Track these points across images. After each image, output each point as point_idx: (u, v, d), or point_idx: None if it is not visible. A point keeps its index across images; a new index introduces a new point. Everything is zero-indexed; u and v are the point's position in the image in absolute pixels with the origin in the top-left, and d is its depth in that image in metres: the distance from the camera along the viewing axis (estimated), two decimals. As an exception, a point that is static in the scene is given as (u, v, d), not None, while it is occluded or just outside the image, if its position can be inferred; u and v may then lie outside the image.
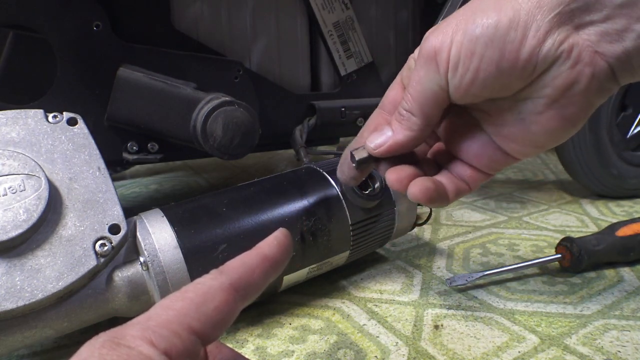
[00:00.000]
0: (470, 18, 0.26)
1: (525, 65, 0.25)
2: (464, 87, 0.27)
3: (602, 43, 0.24)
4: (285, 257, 0.26)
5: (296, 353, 0.41)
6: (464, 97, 0.28)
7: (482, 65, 0.26)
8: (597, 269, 0.54)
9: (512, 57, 0.25)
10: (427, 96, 0.29)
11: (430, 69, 0.28)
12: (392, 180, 0.32)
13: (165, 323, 0.20)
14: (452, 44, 0.27)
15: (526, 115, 0.28)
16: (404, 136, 0.30)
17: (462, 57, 0.26)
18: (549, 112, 0.27)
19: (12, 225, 0.35)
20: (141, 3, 0.59)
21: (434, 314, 0.46)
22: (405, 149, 0.31)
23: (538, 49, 0.25)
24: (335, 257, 0.49)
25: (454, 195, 0.32)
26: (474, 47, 0.26)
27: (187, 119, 0.57)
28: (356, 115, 0.73)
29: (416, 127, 0.30)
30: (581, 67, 0.25)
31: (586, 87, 0.25)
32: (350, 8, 0.72)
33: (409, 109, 0.30)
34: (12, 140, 0.39)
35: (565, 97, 0.26)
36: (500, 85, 0.27)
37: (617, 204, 0.77)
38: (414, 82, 0.29)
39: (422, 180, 0.31)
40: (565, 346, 0.41)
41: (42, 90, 0.55)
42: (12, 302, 0.35)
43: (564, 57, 0.25)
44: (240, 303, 0.23)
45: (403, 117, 0.30)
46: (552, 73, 0.25)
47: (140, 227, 0.41)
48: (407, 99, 0.30)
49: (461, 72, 0.27)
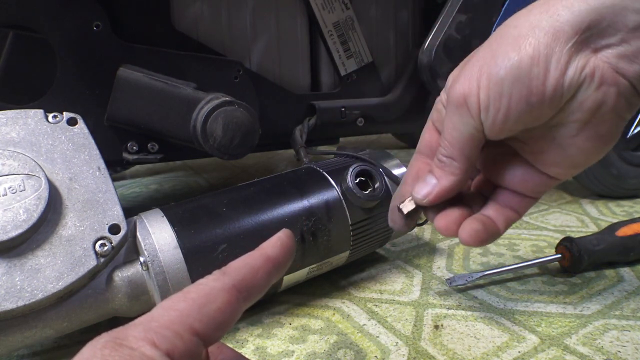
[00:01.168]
0: (492, 61, 0.27)
1: (553, 96, 0.26)
2: (499, 126, 0.28)
3: (621, 63, 0.25)
4: (288, 259, 0.26)
5: (296, 353, 0.41)
6: (500, 134, 0.29)
7: (512, 103, 0.27)
8: (597, 269, 0.54)
9: (539, 92, 0.26)
10: (464, 140, 0.29)
11: (463, 114, 0.29)
12: (441, 227, 0.32)
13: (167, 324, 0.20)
14: (479, 89, 0.27)
15: (562, 140, 0.28)
16: (448, 182, 0.31)
17: (491, 99, 0.27)
18: (584, 133, 0.28)
19: (12, 225, 0.35)
20: (141, 3, 0.59)
21: (434, 314, 0.46)
22: (451, 194, 0.32)
23: (562, 78, 0.26)
24: (335, 257, 0.49)
25: (504, 227, 0.32)
26: (501, 89, 0.27)
27: (187, 119, 0.57)
28: (356, 115, 0.73)
29: (459, 171, 0.30)
30: (606, 87, 0.26)
31: (614, 105, 0.26)
32: (350, 8, 0.72)
33: (449, 155, 0.30)
34: (12, 140, 0.39)
35: (597, 118, 0.27)
36: (532, 118, 0.27)
37: (617, 204, 0.77)
38: (449, 128, 0.30)
39: (470, 223, 0.31)
40: (565, 346, 0.41)
41: (42, 90, 0.55)
42: (12, 302, 0.35)
43: (588, 81, 0.26)
44: (242, 304, 0.22)
45: (445, 164, 0.31)
46: (579, 98, 0.26)
47: (140, 227, 0.41)
48: (445, 146, 0.30)
49: (493, 113, 0.27)
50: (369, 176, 0.50)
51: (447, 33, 0.65)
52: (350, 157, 0.55)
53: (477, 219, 0.31)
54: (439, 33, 0.65)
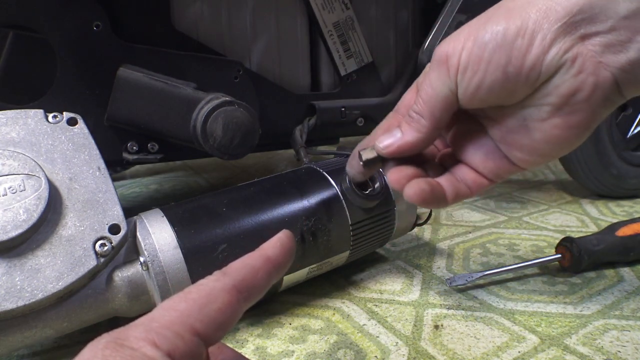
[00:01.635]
0: (482, 26, 0.27)
1: (530, 71, 0.26)
2: (472, 91, 0.28)
3: (606, 54, 0.25)
4: (288, 259, 0.26)
5: (296, 353, 0.41)
6: (472, 101, 0.29)
7: (490, 69, 0.27)
8: (597, 269, 0.54)
9: (518, 63, 0.26)
10: (437, 99, 0.30)
11: (442, 72, 0.29)
12: (391, 180, 0.33)
13: (168, 324, 0.20)
14: (463, 50, 0.28)
15: (530, 122, 0.29)
16: (412, 137, 0.31)
17: (471, 61, 0.27)
18: (553, 120, 0.28)
19: (12, 225, 0.35)
20: (141, 3, 0.59)
21: (434, 314, 0.46)
22: (412, 151, 0.32)
23: (543, 56, 0.26)
24: (335, 257, 0.49)
25: (453, 197, 0.32)
26: (483, 53, 0.27)
27: (187, 119, 0.57)
28: (356, 115, 0.73)
29: (425, 130, 0.31)
30: (584, 76, 0.26)
31: (589, 96, 0.26)
32: (350, 8, 0.72)
33: (419, 112, 0.31)
34: (12, 140, 0.39)
35: (569, 105, 0.27)
36: (506, 91, 0.28)
37: (617, 204, 0.77)
38: (426, 85, 0.30)
39: (419, 181, 0.31)
40: (565, 346, 0.41)
41: (42, 90, 0.55)
42: (12, 302, 0.35)
43: (568, 66, 0.26)
44: (243, 305, 0.22)
45: (413, 120, 0.31)
46: (555, 81, 0.26)
47: (140, 227, 0.41)
48: (418, 102, 0.31)
49: (469, 76, 0.28)
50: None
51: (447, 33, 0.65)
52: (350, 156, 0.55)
53: (426, 181, 0.31)
54: (439, 33, 0.65)
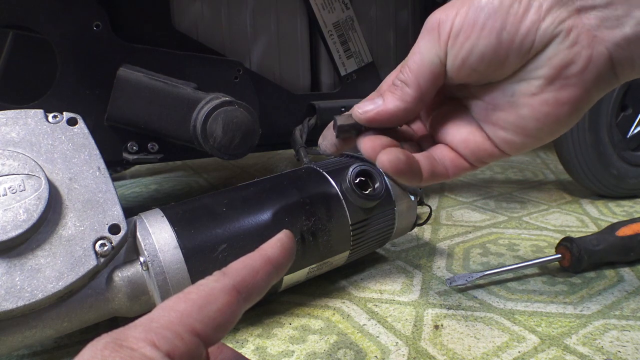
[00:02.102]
0: None
1: (524, 38, 0.26)
2: (462, 57, 0.27)
3: (602, 28, 0.25)
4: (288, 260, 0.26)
5: (296, 353, 0.41)
6: (460, 70, 0.28)
7: (483, 33, 0.26)
8: (597, 269, 0.54)
9: (512, 29, 0.26)
10: (425, 67, 0.29)
11: (432, 38, 0.28)
12: (365, 147, 0.31)
13: (167, 325, 0.20)
14: (456, 16, 0.27)
15: (519, 97, 0.28)
16: (394, 106, 0.30)
17: (464, 26, 0.27)
18: (543, 94, 0.27)
19: (12, 225, 0.35)
20: (141, 3, 0.59)
21: (434, 314, 0.46)
22: (392, 121, 0.31)
23: (538, 23, 0.25)
24: (335, 257, 0.49)
25: (428, 174, 0.30)
26: (477, 17, 0.26)
27: (187, 119, 0.57)
28: (356, 115, 0.73)
29: (409, 98, 0.29)
30: (579, 48, 0.25)
31: (582, 70, 0.26)
32: (350, 8, 0.72)
33: (404, 80, 0.30)
34: (12, 140, 0.39)
35: (561, 79, 0.26)
36: (497, 60, 0.27)
37: (617, 204, 0.77)
38: (413, 52, 0.29)
39: (394, 150, 0.29)
40: (565, 346, 0.41)
41: (42, 90, 0.55)
42: (12, 302, 0.35)
43: (563, 36, 0.25)
44: (243, 305, 0.22)
45: (397, 88, 0.30)
46: (549, 51, 0.26)
47: (140, 227, 0.41)
48: (405, 70, 0.30)
49: (461, 41, 0.27)
50: (369, 176, 0.50)
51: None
52: (350, 157, 0.55)
53: (402, 151, 0.30)
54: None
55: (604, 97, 0.73)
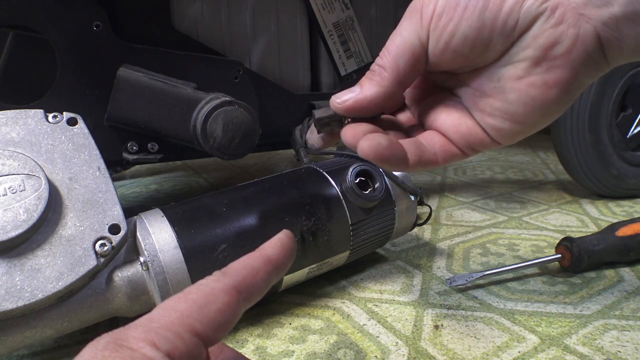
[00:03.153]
0: None
1: (507, 17, 0.25)
2: (445, 39, 0.27)
3: (589, 6, 0.24)
4: (288, 260, 0.26)
5: (296, 353, 0.41)
6: (443, 53, 0.27)
7: (466, 14, 0.26)
8: (597, 269, 0.54)
9: (495, 8, 0.25)
10: (404, 49, 0.28)
11: (414, 20, 0.27)
12: (347, 135, 0.29)
13: (168, 325, 0.20)
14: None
15: (505, 81, 0.27)
16: (371, 92, 0.29)
17: (446, 8, 0.26)
18: (530, 77, 0.26)
19: (12, 225, 0.35)
20: (141, 3, 0.59)
21: (434, 314, 0.46)
22: (371, 108, 0.29)
23: (521, 2, 0.25)
24: (335, 257, 0.49)
25: (415, 161, 0.29)
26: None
27: (187, 119, 0.57)
28: (356, 115, 0.73)
29: (387, 83, 0.28)
30: (565, 27, 0.24)
31: (569, 49, 0.25)
32: (350, 8, 0.72)
33: (381, 64, 0.29)
34: (12, 140, 0.39)
35: (547, 60, 0.25)
36: (481, 42, 0.26)
37: (617, 204, 0.77)
38: (394, 35, 0.28)
39: (376, 136, 0.28)
40: (565, 346, 0.41)
41: (42, 90, 0.55)
42: (12, 302, 0.35)
43: (547, 14, 0.24)
44: (243, 305, 0.22)
45: (374, 73, 0.29)
46: (533, 31, 0.25)
47: (140, 227, 0.41)
48: (383, 53, 0.29)
49: (444, 23, 0.26)
50: (369, 176, 0.50)
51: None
52: (350, 157, 0.55)
53: (384, 136, 0.28)
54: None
55: (604, 97, 0.73)
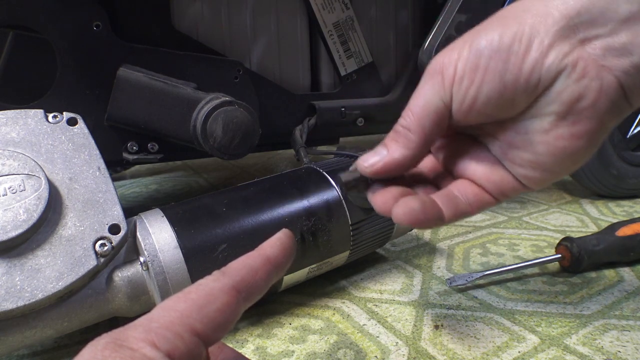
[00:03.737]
0: (477, 35, 0.26)
1: (529, 77, 0.25)
2: (468, 102, 0.27)
3: (609, 57, 0.24)
4: (288, 259, 0.26)
5: (296, 353, 0.41)
6: (468, 114, 0.27)
7: (487, 77, 0.26)
8: (597, 269, 0.54)
9: (515, 69, 0.25)
10: (428, 110, 0.28)
11: (436, 82, 0.27)
12: (377, 203, 0.29)
13: (167, 325, 0.20)
14: (459, 59, 0.26)
15: (533, 134, 0.27)
16: (399, 154, 0.28)
17: (467, 70, 0.26)
18: (557, 130, 0.26)
19: (12, 225, 0.35)
20: (141, 3, 0.59)
21: (434, 314, 0.46)
22: (400, 169, 0.29)
23: (542, 60, 0.25)
24: (335, 257, 0.49)
25: (451, 215, 0.29)
26: (479, 60, 0.26)
27: (187, 119, 0.57)
28: (356, 115, 0.73)
29: (413, 145, 0.28)
30: (588, 80, 0.24)
31: (594, 102, 0.25)
32: (350, 8, 0.72)
33: (406, 126, 0.28)
34: (12, 140, 0.39)
35: (573, 113, 0.25)
36: (505, 102, 0.26)
37: (617, 204, 0.77)
38: (416, 96, 0.28)
39: (408, 200, 0.27)
40: (565, 346, 0.41)
41: (42, 90, 0.55)
42: (12, 302, 0.35)
43: (569, 70, 0.24)
44: (242, 304, 0.22)
45: (400, 135, 0.29)
46: (557, 87, 0.25)
47: (140, 227, 0.41)
48: (406, 115, 0.28)
49: (466, 85, 0.26)
50: (369, 176, 0.50)
51: (447, 33, 0.65)
52: (350, 157, 0.55)
53: (416, 198, 0.28)
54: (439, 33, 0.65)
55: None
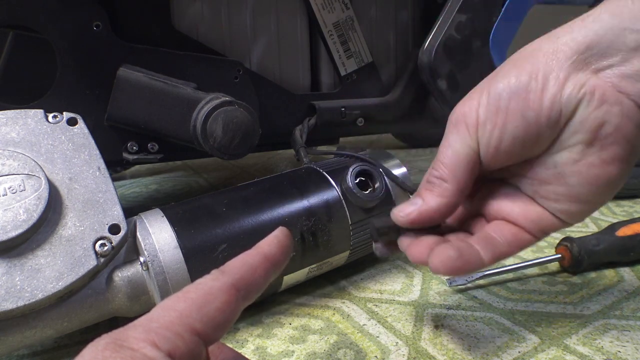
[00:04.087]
0: (493, 79, 0.27)
1: (550, 111, 0.26)
2: (494, 144, 0.27)
3: (624, 82, 0.25)
4: (285, 256, 0.26)
5: (296, 353, 0.41)
6: (496, 156, 0.28)
7: (509, 117, 0.26)
8: (597, 269, 0.54)
9: (536, 106, 0.26)
10: (458, 159, 0.28)
11: (460, 131, 0.28)
12: (413, 254, 0.29)
13: (167, 324, 0.20)
14: (479, 106, 0.27)
15: (563, 167, 0.27)
16: (435, 203, 0.29)
17: (489, 115, 0.27)
18: (587, 158, 0.26)
19: (12, 225, 0.35)
20: (141, 3, 0.59)
21: (434, 314, 0.46)
22: (435, 218, 0.30)
23: (560, 93, 0.25)
24: (335, 257, 0.49)
25: (490, 257, 0.28)
26: (498, 103, 0.26)
27: (187, 119, 0.57)
28: (356, 115, 0.73)
29: (448, 193, 0.29)
30: (608, 106, 0.25)
31: (618, 126, 0.25)
32: (350, 8, 0.72)
33: (439, 176, 0.29)
34: (12, 140, 0.39)
35: (600, 139, 0.26)
36: (530, 138, 0.27)
37: (617, 204, 0.77)
38: (444, 147, 0.29)
39: (443, 248, 0.28)
40: (565, 346, 0.41)
41: (42, 90, 0.55)
42: (12, 302, 0.35)
43: (588, 98, 0.25)
44: (242, 303, 0.23)
45: (434, 185, 0.29)
46: (579, 116, 0.25)
47: (140, 227, 0.41)
48: (437, 166, 0.29)
49: (489, 129, 0.27)
50: (369, 176, 0.50)
51: (447, 33, 0.65)
52: (350, 157, 0.55)
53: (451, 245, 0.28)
54: (439, 33, 0.65)
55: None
